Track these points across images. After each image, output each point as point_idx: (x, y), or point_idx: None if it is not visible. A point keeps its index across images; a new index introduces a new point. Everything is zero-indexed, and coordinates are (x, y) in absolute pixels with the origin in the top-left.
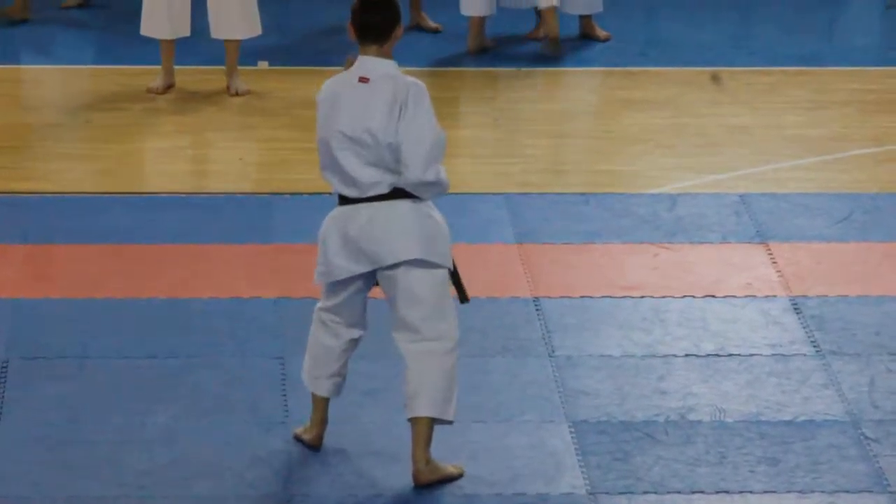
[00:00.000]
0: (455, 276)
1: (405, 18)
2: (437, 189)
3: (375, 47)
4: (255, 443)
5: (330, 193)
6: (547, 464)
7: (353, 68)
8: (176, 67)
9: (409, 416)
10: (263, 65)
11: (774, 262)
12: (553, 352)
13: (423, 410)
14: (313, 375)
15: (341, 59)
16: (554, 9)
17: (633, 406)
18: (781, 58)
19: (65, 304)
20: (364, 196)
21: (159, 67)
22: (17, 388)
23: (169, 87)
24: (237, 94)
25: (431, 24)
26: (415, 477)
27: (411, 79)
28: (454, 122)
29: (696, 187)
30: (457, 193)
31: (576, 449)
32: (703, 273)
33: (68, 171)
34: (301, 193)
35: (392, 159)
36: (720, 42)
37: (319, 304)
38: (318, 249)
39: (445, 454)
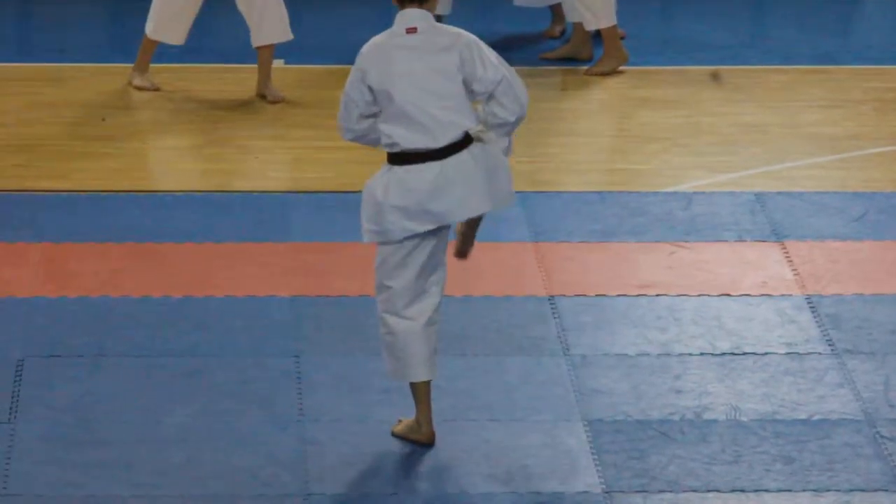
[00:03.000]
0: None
1: None
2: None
3: (416, 6)
4: (271, 441)
5: (343, 192)
6: (562, 462)
7: (396, 24)
8: (191, 65)
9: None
10: (279, 63)
11: (790, 261)
12: (568, 350)
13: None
14: (402, 365)
15: (349, 57)
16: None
17: (648, 405)
18: (797, 56)
19: (80, 303)
20: (437, 146)
21: (173, 65)
22: (33, 386)
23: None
24: (274, 102)
25: None
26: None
27: (456, 29)
28: None
29: (712, 186)
30: None
31: (591, 448)
32: (718, 272)
33: (84, 169)
34: (316, 192)
35: (465, 103)
36: (735, 40)
37: (382, 299)
38: (370, 211)
39: (459, 453)
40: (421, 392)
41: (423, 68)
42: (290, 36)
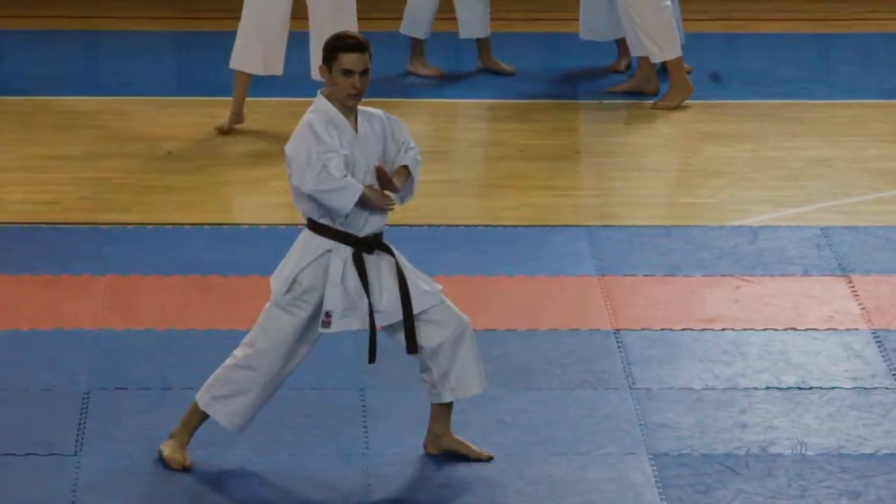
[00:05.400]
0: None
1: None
2: None
3: None
4: (335, 475)
5: (407, 225)
6: (627, 497)
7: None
8: (260, 99)
9: None
10: None
11: (856, 295)
12: (634, 384)
13: None
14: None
15: (418, 92)
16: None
17: (713, 439)
18: (862, 91)
19: (146, 336)
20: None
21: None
22: (99, 419)
23: (238, 122)
24: None
25: (505, 66)
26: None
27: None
28: (535, 153)
29: (778, 220)
30: (537, 225)
31: (656, 482)
32: (784, 306)
33: (149, 202)
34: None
35: None
36: (801, 75)
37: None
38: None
39: (524, 487)
40: None
41: None
42: None
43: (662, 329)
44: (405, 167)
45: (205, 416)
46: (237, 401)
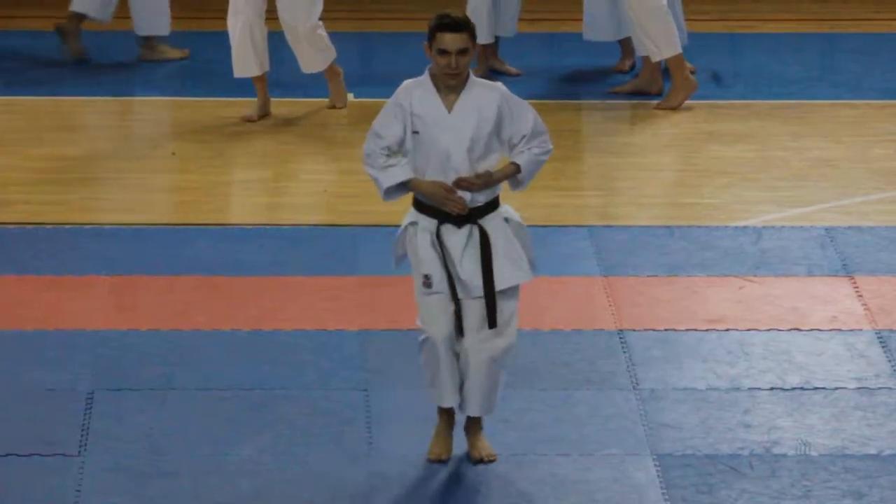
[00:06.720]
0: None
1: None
2: None
3: None
4: (339, 475)
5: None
6: (631, 497)
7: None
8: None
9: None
10: (349, 97)
11: (860, 296)
12: (637, 384)
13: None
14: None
15: None
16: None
17: (717, 439)
18: (866, 91)
19: (149, 336)
20: None
21: (245, 99)
22: (103, 419)
23: (264, 115)
24: (335, 108)
25: (510, 67)
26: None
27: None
28: None
29: (781, 220)
30: (541, 225)
31: (660, 482)
32: (788, 306)
33: (152, 202)
34: (385, 225)
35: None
36: (805, 74)
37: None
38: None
39: (528, 487)
40: None
41: None
42: (320, 67)
43: (666, 329)
44: (514, 164)
45: (440, 411)
46: (439, 378)
